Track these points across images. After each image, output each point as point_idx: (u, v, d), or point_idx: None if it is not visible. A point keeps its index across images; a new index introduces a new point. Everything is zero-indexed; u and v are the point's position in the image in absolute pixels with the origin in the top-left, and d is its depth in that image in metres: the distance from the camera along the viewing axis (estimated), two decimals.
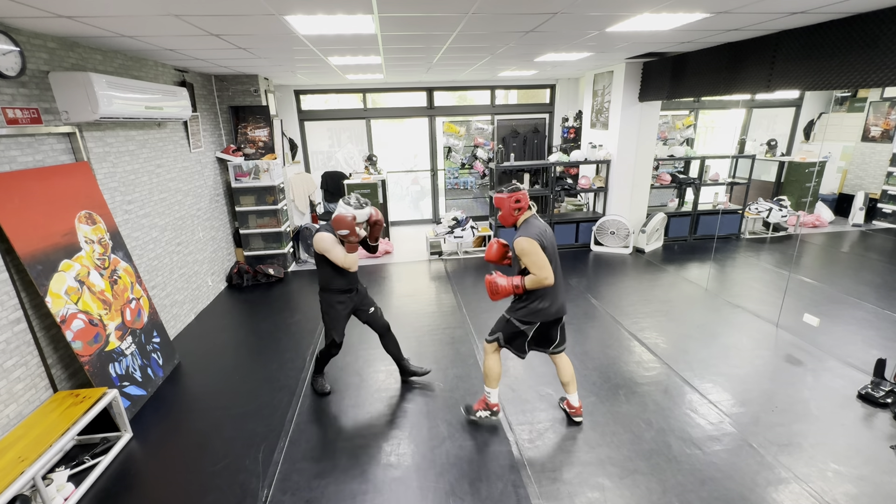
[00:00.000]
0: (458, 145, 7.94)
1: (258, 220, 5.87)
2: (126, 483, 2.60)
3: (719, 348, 3.79)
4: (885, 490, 2.35)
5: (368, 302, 3.25)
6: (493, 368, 2.79)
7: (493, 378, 2.81)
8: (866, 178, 7.68)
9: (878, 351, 3.52)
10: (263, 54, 4.15)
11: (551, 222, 6.53)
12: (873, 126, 7.52)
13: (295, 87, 7.27)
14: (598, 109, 6.57)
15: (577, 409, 2.92)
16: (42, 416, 2.60)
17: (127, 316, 3.32)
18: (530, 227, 2.56)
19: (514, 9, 2.81)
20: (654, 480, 2.46)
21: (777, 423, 2.87)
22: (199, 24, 2.88)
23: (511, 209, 2.61)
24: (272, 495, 2.45)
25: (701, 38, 4.07)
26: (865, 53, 3.05)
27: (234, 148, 5.68)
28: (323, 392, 3.35)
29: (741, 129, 8.47)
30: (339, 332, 3.14)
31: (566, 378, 2.85)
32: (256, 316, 4.79)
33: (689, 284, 5.19)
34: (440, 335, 4.12)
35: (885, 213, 7.32)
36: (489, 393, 2.86)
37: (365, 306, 3.23)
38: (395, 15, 2.84)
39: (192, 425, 3.10)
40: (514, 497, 2.38)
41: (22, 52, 2.74)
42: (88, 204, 3.23)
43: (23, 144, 2.84)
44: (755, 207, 6.93)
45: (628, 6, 2.83)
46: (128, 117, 3.41)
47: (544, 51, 4.49)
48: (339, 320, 3.12)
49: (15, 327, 2.63)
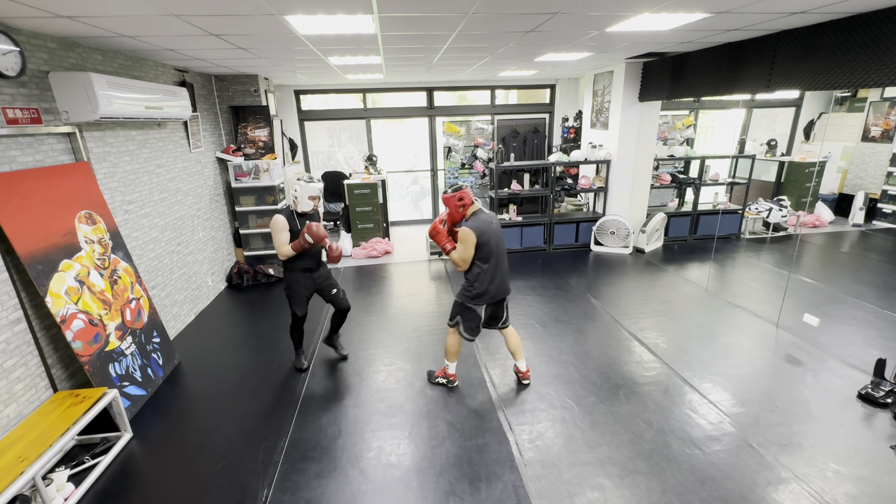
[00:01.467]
0: (458, 145, 7.94)
1: (258, 220, 5.87)
2: (126, 483, 2.60)
3: (719, 348, 3.79)
4: (885, 490, 2.35)
5: (332, 283, 3.52)
6: (453, 346, 3.24)
7: (453, 354, 3.27)
8: (866, 178, 7.68)
9: (878, 351, 3.52)
10: (263, 54, 4.15)
11: (551, 222, 6.54)
12: (873, 126, 7.52)
13: (295, 87, 7.27)
14: (598, 109, 6.57)
15: (525, 373, 3.36)
16: (42, 416, 2.60)
17: (127, 316, 3.32)
18: (475, 219, 2.95)
19: (514, 9, 2.81)
20: (654, 480, 2.46)
21: (777, 423, 2.87)
22: (199, 24, 2.88)
23: (456, 206, 2.99)
24: (272, 495, 2.45)
25: (701, 38, 4.07)
26: (865, 53, 3.05)
27: (234, 148, 5.68)
28: (300, 368, 3.60)
29: (741, 129, 8.47)
30: (300, 306, 3.41)
31: (514, 348, 3.31)
32: (256, 316, 4.79)
33: (689, 284, 5.19)
34: (440, 335, 4.12)
35: (885, 213, 7.32)
36: (448, 365, 3.34)
37: (329, 286, 3.49)
38: (395, 15, 2.84)
39: (192, 425, 3.10)
40: (514, 497, 2.38)
41: (22, 52, 2.74)
42: (88, 204, 3.23)
43: (23, 144, 2.84)
44: (755, 207, 6.93)
45: (628, 6, 2.83)
46: (128, 117, 3.41)
47: (544, 51, 4.49)
48: (298, 295, 3.39)
49: (15, 327, 2.63)
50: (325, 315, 4.65)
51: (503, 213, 6.66)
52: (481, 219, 2.95)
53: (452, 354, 3.26)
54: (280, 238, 3.16)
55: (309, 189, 3.22)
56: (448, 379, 3.36)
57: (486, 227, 2.93)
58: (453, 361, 3.30)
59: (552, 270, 5.78)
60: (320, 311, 4.71)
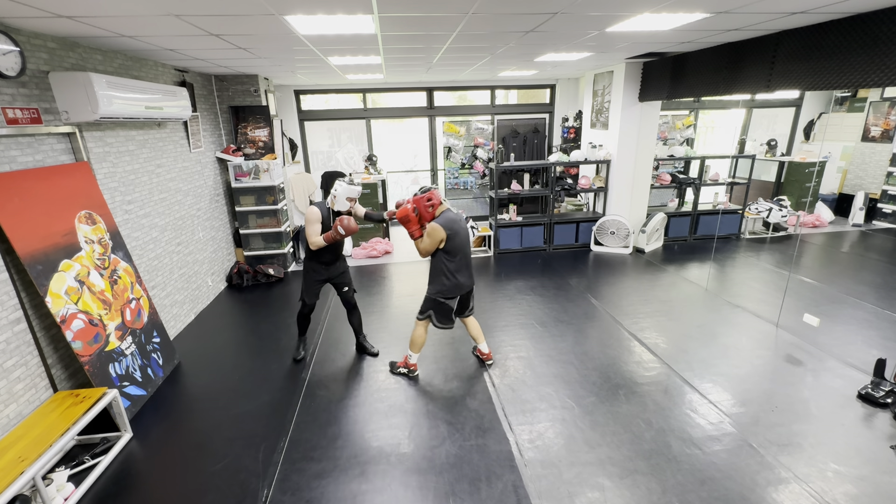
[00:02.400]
0: (458, 145, 7.94)
1: (258, 220, 5.87)
2: (126, 483, 2.60)
3: (719, 348, 3.79)
4: (885, 490, 2.35)
5: (346, 281, 3.73)
6: (420, 338, 3.44)
7: (417, 345, 3.46)
8: (866, 178, 7.68)
9: (878, 351, 3.52)
10: (263, 54, 4.15)
11: (551, 222, 6.54)
12: (873, 126, 7.52)
13: (295, 87, 7.27)
14: (598, 109, 6.57)
15: (488, 355, 3.64)
16: (42, 416, 2.60)
17: (127, 316, 3.32)
18: (444, 217, 3.18)
19: (514, 9, 2.81)
20: (654, 480, 2.46)
21: (777, 423, 2.87)
22: (199, 24, 2.88)
23: (426, 207, 3.19)
24: (272, 495, 2.45)
25: (701, 38, 4.07)
26: (865, 53, 3.05)
27: (234, 148, 5.68)
28: (295, 358, 3.79)
29: (741, 129, 8.47)
30: (310, 295, 3.66)
31: (475, 333, 3.60)
32: (256, 316, 4.79)
33: (689, 284, 5.19)
34: (440, 335, 4.12)
35: (885, 213, 7.32)
36: (410, 355, 3.50)
37: (342, 283, 3.71)
38: (395, 15, 2.84)
39: (192, 425, 3.10)
40: (514, 497, 2.38)
41: (22, 52, 2.74)
42: (88, 204, 3.23)
43: (23, 144, 2.84)
44: (755, 207, 6.93)
45: (628, 6, 2.83)
46: (128, 117, 3.41)
47: (544, 51, 4.49)
48: (311, 285, 3.64)
49: (15, 327, 2.63)
50: (325, 315, 4.66)
51: (503, 213, 6.67)
52: (449, 217, 3.20)
53: (417, 346, 3.46)
54: (313, 229, 3.39)
55: (348, 191, 3.42)
56: (409, 368, 3.53)
57: (454, 224, 3.18)
58: (417, 353, 3.49)
59: (552, 270, 5.78)
60: (320, 312, 4.72)
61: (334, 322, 4.52)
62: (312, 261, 3.58)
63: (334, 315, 4.67)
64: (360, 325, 3.88)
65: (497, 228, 6.49)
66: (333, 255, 3.60)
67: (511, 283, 5.40)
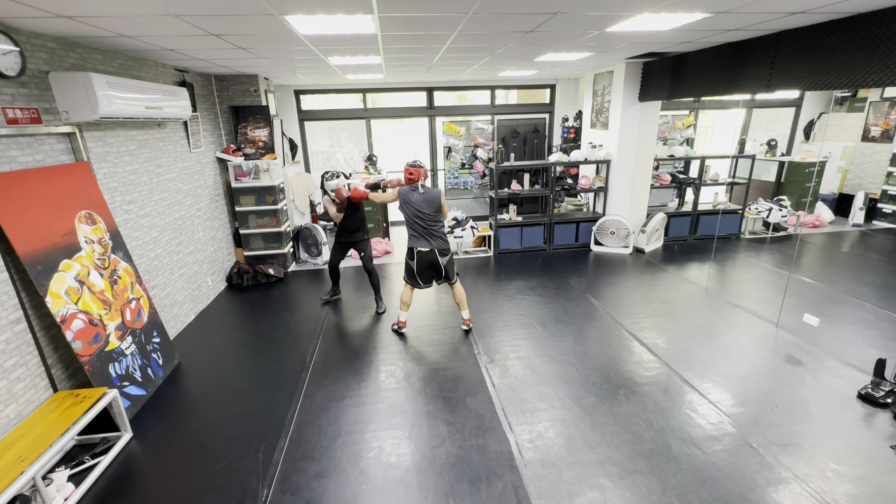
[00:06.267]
0: (458, 145, 7.94)
1: (258, 220, 5.87)
2: (126, 483, 2.60)
3: (719, 348, 3.79)
4: (885, 490, 2.35)
5: (362, 247, 4.68)
6: (405, 296, 4.12)
7: (404, 304, 4.12)
8: (866, 178, 7.68)
9: (878, 351, 3.52)
10: (263, 54, 4.15)
11: (551, 222, 6.54)
12: (873, 126, 7.52)
13: (295, 87, 7.27)
14: (598, 109, 6.57)
15: (466, 321, 4.17)
16: (42, 416, 2.60)
17: (127, 316, 3.32)
18: (406, 189, 3.88)
19: (514, 9, 2.81)
20: (654, 480, 2.46)
21: (777, 423, 2.87)
22: (199, 24, 2.88)
23: (407, 176, 3.93)
24: (272, 495, 2.45)
25: (701, 38, 4.07)
26: (865, 53, 3.05)
27: (234, 148, 5.68)
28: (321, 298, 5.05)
29: (741, 129, 8.47)
30: (333, 255, 4.79)
31: (458, 300, 4.13)
32: (256, 316, 4.79)
33: (689, 284, 5.19)
34: (440, 335, 4.12)
35: (885, 213, 7.32)
36: (400, 314, 4.18)
37: (360, 249, 4.69)
38: (395, 15, 2.84)
39: (192, 425, 3.10)
40: (513, 497, 2.38)
41: (22, 52, 2.74)
42: (88, 204, 3.23)
43: (23, 144, 2.84)
44: (755, 207, 6.93)
45: (628, 6, 2.83)
46: (128, 117, 3.41)
47: (544, 51, 4.49)
48: (336, 247, 4.76)
49: (15, 327, 2.63)
50: (325, 315, 4.66)
51: (503, 213, 6.67)
52: (408, 189, 3.87)
53: (404, 304, 4.12)
54: (332, 209, 4.49)
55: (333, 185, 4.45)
56: (398, 325, 4.20)
57: (408, 196, 3.85)
58: (404, 311, 4.15)
59: (552, 270, 5.79)
60: (320, 314, 4.72)
61: (334, 323, 4.52)
62: (338, 229, 4.67)
63: (334, 316, 4.67)
64: (376, 286, 4.71)
65: (497, 228, 6.48)
66: (355, 226, 4.61)
67: (511, 283, 5.40)
